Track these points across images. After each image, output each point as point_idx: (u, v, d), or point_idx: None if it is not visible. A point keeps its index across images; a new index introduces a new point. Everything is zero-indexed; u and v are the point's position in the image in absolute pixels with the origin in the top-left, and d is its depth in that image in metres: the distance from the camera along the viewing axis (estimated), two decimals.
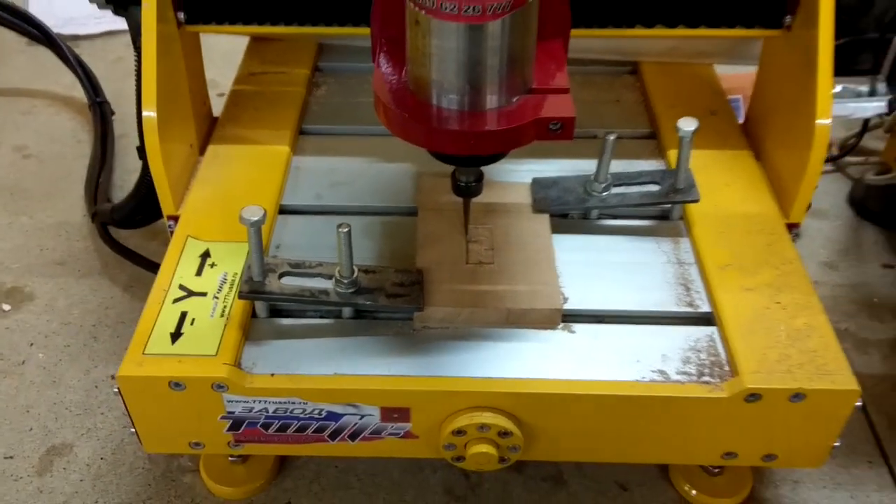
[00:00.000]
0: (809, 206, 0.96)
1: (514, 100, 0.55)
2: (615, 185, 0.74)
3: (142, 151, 0.79)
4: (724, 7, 0.78)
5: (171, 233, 0.75)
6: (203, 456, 0.74)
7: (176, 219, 0.76)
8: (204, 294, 0.67)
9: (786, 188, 0.77)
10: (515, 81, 0.55)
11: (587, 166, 0.75)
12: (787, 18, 0.78)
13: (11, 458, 0.75)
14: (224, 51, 0.89)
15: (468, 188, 0.63)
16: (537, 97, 0.56)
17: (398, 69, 0.58)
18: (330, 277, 0.65)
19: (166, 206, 0.76)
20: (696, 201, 0.73)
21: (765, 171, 0.81)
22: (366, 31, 0.76)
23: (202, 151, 0.84)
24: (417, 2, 0.51)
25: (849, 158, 1.10)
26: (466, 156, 0.58)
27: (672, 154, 0.79)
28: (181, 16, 0.78)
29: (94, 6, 1.41)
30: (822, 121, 0.71)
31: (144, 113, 0.73)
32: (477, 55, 0.52)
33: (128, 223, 0.90)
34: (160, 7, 0.74)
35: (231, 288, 0.67)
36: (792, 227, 0.75)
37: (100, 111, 1.11)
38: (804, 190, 0.74)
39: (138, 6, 0.74)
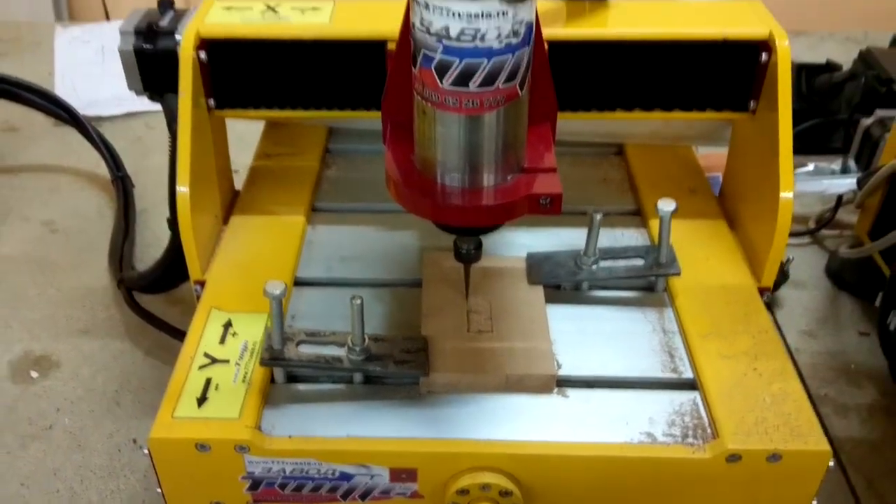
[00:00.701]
0: (787, 277, 1.03)
1: (509, 178, 0.62)
2: (603, 259, 0.81)
3: (172, 223, 0.87)
4: (695, 93, 0.85)
5: (198, 296, 0.81)
6: None
7: (202, 283, 0.82)
8: (227, 361, 0.72)
9: (757, 255, 0.83)
10: (509, 162, 0.62)
11: (578, 236, 0.82)
12: (752, 103, 0.85)
13: None
14: (238, 133, 0.97)
15: (468, 255, 0.69)
16: (529, 176, 0.63)
17: (406, 150, 0.65)
18: (343, 345, 0.71)
19: (194, 272, 0.83)
20: (677, 274, 0.79)
21: (739, 240, 0.88)
22: (369, 114, 0.86)
23: (226, 221, 0.91)
24: (425, 96, 0.58)
25: (825, 231, 1.17)
26: (467, 227, 0.65)
27: (655, 227, 0.85)
28: (211, 102, 0.86)
29: (118, 89, 1.51)
30: (786, 194, 0.78)
31: (178, 189, 0.80)
32: (476, 141, 0.59)
33: (153, 289, 0.97)
34: (194, 96, 0.81)
35: (251, 355, 0.73)
36: (763, 291, 0.82)
37: (122, 184, 1.19)
38: (773, 256, 0.80)
39: (174, 94, 0.82)
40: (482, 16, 0.53)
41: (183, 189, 0.80)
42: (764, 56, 0.81)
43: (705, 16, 0.85)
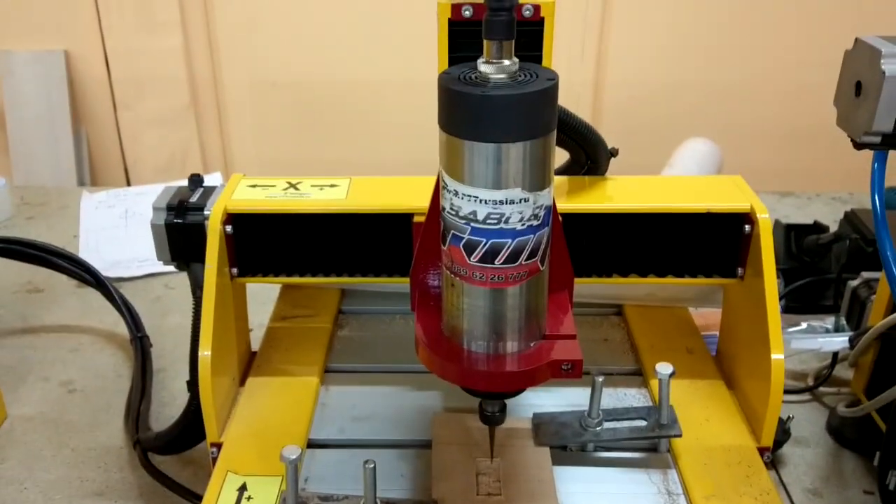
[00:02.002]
0: (790, 436, 1.05)
1: (532, 345, 0.67)
2: (607, 420, 0.84)
3: (192, 385, 0.90)
4: (686, 260, 0.92)
5: (213, 458, 0.83)
6: None
7: (218, 446, 0.85)
8: None
9: (755, 414, 0.86)
10: (532, 330, 0.67)
11: (580, 393, 0.86)
12: (740, 270, 0.91)
13: None
14: (251, 293, 1.02)
15: (493, 417, 0.73)
16: (550, 342, 0.68)
17: (433, 317, 0.70)
18: None
19: (211, 435, 0.86)
20: (678, 436, 0.82)
21: (737, 399, 0.91)
22: (379, 280, 0.92)
23: (242, 382, 0.95)
24: (453, 270, 0.64)
25: (823, 389, 1.20)
26: (493, 391, 0.69)
27: (655, 386, 0.88)
28: (234, 271, 0.92)
29: (140, 251, 1.58)
30: (776, 356, 0.82)
31: (201, 353, 0.84)
32: (500, 311, 0.64)
33: (169, 450, 0.99)
34: (219, 265, 0.88)
35: None
36: (763, 451, 0.84)
37: (140, 344, 1.23)
38: (770, 416, 0.83)
39: (199, 263, 0.88)
40: (506, 202, 0.59)
41: (206, 353, 0.84)
42: (747, 227, 0.88)
43: (693, 190, 0.93)
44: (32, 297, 1.47)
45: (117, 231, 1.69)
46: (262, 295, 1.11)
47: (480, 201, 0.59)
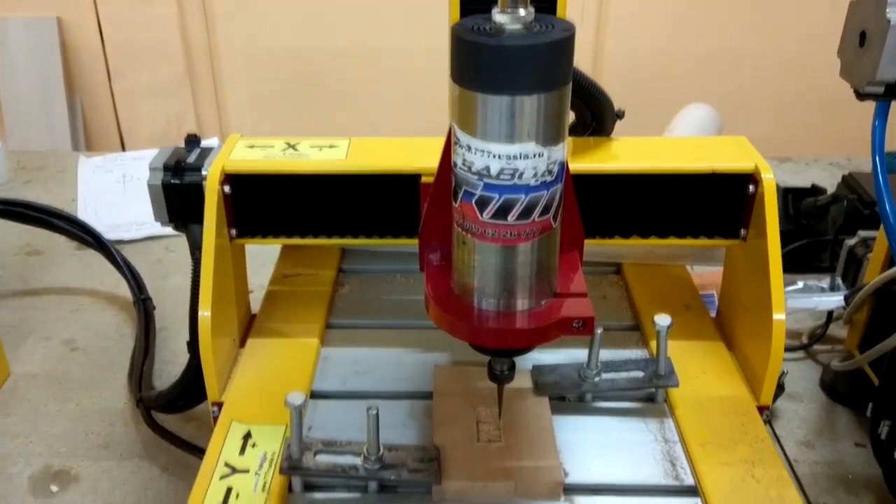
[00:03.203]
0: (783, 390, 1.07)
1: (543, 302, 0.66)
2: (605, 372, 0.85)
3: (192, 346, 0.90)
4: (689, 221, 0.92)
5: (215, 418, 0.84)
6: None
7: (219, 405, 0.85)
8: (247, 471, 0.76)
9: (755, 374, 0.87)
10: (543, 287, 0.66)
11: (580, 350, 0.86)
12: (743, 231, 0.91)
13: None
14: (252, 253, 1.03)
15: (503, 375, 0.72)
16: (561, 300, 0.67)
17: (442, 275, 0.70)
18: (358, 454, 0.74)
19: (212, 394, 0.86)
20: (675, 386, 0.83)
21: (737, 359, 0.92)
22: (379, 241, 0.92)
23: (242, 344, 0.95)
24: (465, 227, 0.63)
25: (818, 346, 1.22)
26: (503, 348, 0.69)
27: (653, 342, 0.90)
28: (233, 232, 0.92)
29: (138, 214, 1.58)
30: (778, 316, 0.83)
31: (200, 313, 0.84)
32: (512, 268, 0.64)
33: (170, 408, 1.00)
34: (218, 226, 0.87)
35: (270, 465, 0.76)
36: (763, 410, 0.85)
37: (143, 307, 1.24)
38: (770, 376, 0.84)
39: (197, 224, 0.88)
40: (520, 157, 0.58)
41: (205, 314, 0.84)
42: (751, 188, 0.88)
43: (697, 150, 0.93)
44: (32, 260, 1.48)
45: (115, 195, 1.69)
46: (262, 256, 1.12)
47: (493, 156, 0.58)
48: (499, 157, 0.58)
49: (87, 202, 1.68)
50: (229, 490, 0.73)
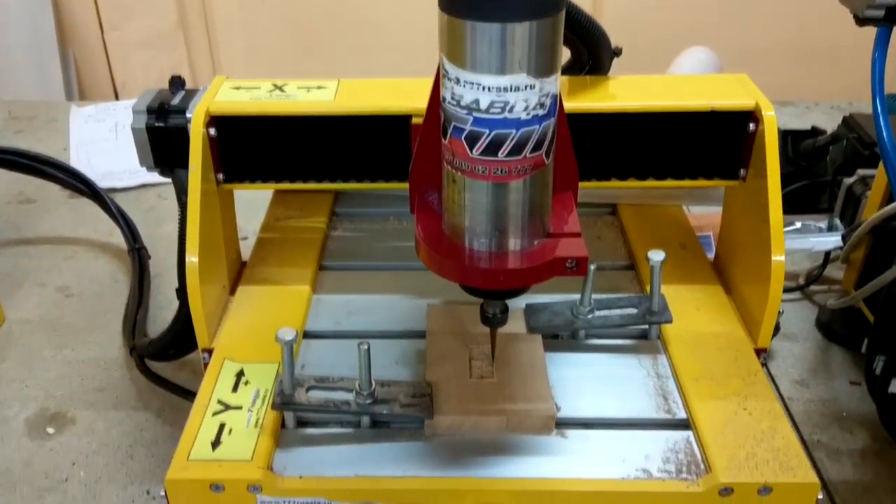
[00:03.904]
0: (779, 330, 1.06)
1: (535, 242, 0.65)
2: (598, 309, 0.85)
3: (181, 293, 0.89)
4: (687, 162, 0.90)
5: (205, 364, 0.83)
6: None
7: (210, 352, 0.84)
8: (239, 408, 0.76)
9: (753, 317, 0.86)
10: (536, 227, 0.64)
11: (574, 290, 0.85)
12: (742, 171, 0.89)
13: None
14: (247, 200, 1.02)
15: (495, 319, 0.71)
16: (555, 240, 0.65)
17: (433, 217, 0.68)
18: (351, 390, 0.74)
19: (202, 340, 0.85)
20: (669, 322, 0.83)
21: (734, 302, 0.90)
22: (371, 185, 0.90)
23: (232, 292, 0.94)
24: (455, 165, 0.61)
25: (814, 287, 1.21)
26: (494, 290, 0.67)
27: (648, 281, 0.89)
28: (220, 176, 0.90)
29: (131, 163, 1.56)
30: (777, 257, 0.81)
31: (188, 259, 0.82)
32: (504, 207, 0.62)
33: (162, 356, 1.00)
34: (204, 171, 0.85)
35: (263, 402, 0.76)
36: (760, 352, 0.84)
37: (138, 256, 1.23)
38: (768, 318, 0.83)
39: (183, 169, 0.86)
40: (511, 89, 0.56)
41: (192, 259, 0.82)
42: (751, 126, 0.86)
43: (696, 88, 0.90)
44: (25, 208, 1.47)
45: (108, 144, 1.68)
46: (257, 203, 1.11)
47: (483, 88, 0.56)
48: (489, 89, 0.57)
49: (79, 151, 1.67)
50: (222, 426, 0.74)
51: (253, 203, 1.10)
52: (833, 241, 1.17)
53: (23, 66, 2.69)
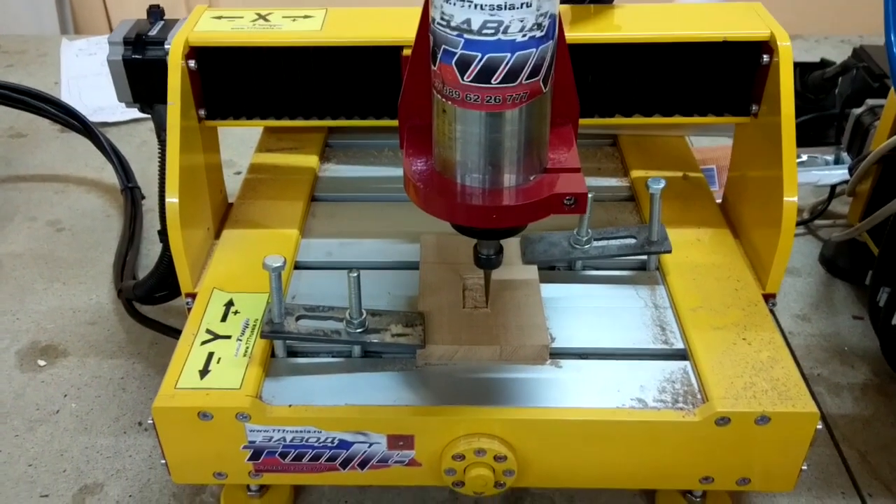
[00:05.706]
0: None
1: (532, 178, 0.61)
2: (596, 240, 0.83)
3: (163, 234, 0.85)
4: (696, 97, 0.85)
5: (189, 309, 0.80)
6: (223, 493, 0.80)
7: (193, 296, 0.81)
8: (228, 337, 0.74)
9: (762, 261, 0.82)
10: (532, 162, 0.60)
11: (571, 223, 0.83)
12: (754, 107, 0.85)
13: (47, 496, 0.81)
14: (240, 133, 0.99)
15: (489, 260, 0.68)
16: (552, 175, 0.61)
17: (423, 153, 0.64)
18: (341, 320, 0.72)
19: (185, 285, 0.82)
20: (668, 252, 0.81)
21: (742, 246, 0.87)
22: (363, 123, 0.87)
23: (217, 235, 0.90)
24: (445, 93, 0.57)
25: (819, 222, 1.19)
26: (488, 229, 0.63)
27: (647, 213, 0.87)
28: (202, 113, 0.86)
29: None
30: (790, 198, 0.77)
31: (168, 199, 0.78)
32: (497, 139, 0.58)
33: (149, 300, 0.96)
34: (184, 106, 0.81)
35: (252, 332, 0.75)
36: (769, 298, 0.80)
37: (131, 195, 1.20)
38: (778, 261, 0.79)
39: (163, 104, 0.81)
40: (505, 7, 0.52)
41: (172, 200, 0.79)
42: (765, 58, 0.81)
43: (707, 17, 0.85)
44: (15, 142, 1.44)
45: (99, 78, 1.64)
46: (252, 139, 1.07)
47: (475, 6, 0.52)
48: (481, 7, 0.52)
49: (70, 85, 1.63)
50: (211, 355, 0.72)
51: (249, 139, 1.06)
52: (839, 174, 1.15)
53: (16, 1, 2.62)
